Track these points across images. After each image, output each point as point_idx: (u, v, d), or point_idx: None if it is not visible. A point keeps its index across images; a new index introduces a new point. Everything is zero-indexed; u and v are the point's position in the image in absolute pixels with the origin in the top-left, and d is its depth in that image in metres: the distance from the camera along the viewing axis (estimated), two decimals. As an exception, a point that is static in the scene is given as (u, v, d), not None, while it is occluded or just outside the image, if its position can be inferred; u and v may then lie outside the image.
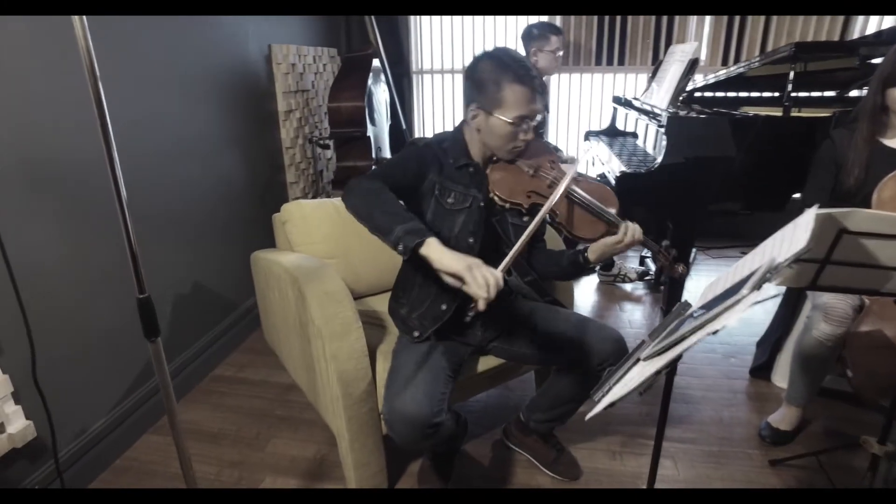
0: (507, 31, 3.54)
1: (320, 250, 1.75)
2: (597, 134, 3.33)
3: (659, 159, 2.10)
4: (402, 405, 1.18)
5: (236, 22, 2.31)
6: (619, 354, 1.34)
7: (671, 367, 1.06)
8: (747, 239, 3.58)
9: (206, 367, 2.15)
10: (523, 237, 1.17)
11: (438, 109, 3.77)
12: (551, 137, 3.66)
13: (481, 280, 1.02)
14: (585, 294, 2.86)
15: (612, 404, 0.85)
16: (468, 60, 1.32)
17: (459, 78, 3.59)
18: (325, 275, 1.44)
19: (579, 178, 1.39)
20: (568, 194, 1.32)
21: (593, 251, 1.30)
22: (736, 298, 0.82)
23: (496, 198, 1.33)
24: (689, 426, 1.81)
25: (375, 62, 2.85)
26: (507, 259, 1.13)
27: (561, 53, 2.74)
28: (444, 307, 1.37)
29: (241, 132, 2.38)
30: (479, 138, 1.33)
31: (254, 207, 2.49)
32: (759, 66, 2.25)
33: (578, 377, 1.42)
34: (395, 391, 1.23)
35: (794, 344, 1.68)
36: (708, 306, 0.93)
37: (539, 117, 1.30)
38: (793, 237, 0.85)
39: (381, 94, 3.00)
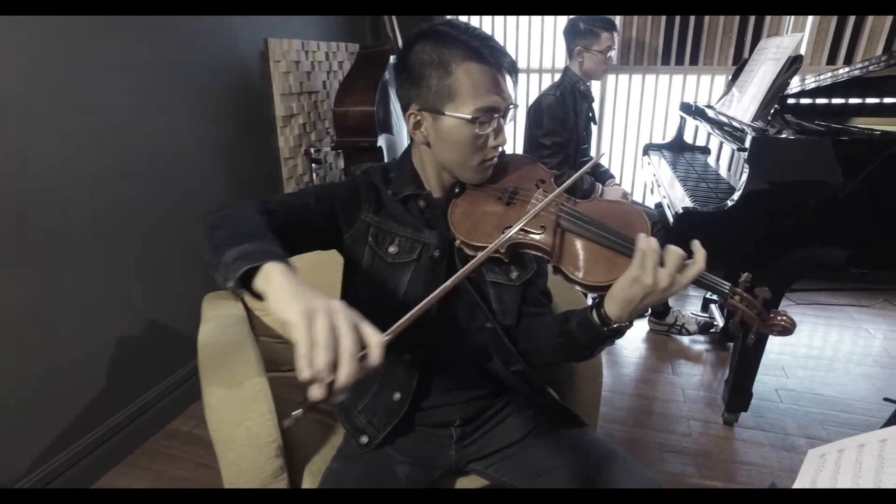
0: (555, 31, 3.03)
1: (272, 302, 1.37)
2: (658, 148, 2.77)
3: (736, 194, 1.57)
4: None
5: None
6: None
7: None
8: (843, 279, 2.89)
9: (163, 418, 1.83)
10: (448, 283, 0.66)
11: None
12: (601, 152, 3.13)
13: (323, 338, 0.53)
14: (631, 344, 2.33)
15: None
16: (518, 59, 0.90)
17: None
18: (241, 361, 1.05)
19: (584, 198, 0.91)
20: (562, 220, 0.85)
21: (612, 300, 0.78)
22: None
23: (462, 244, 0.89)
24: None
25: (394, 59, 2.44)
26: (399, 323, 0.61)
27: (613, 54, 2.23)
28: (397, 396, 0.97)
29: (228, 141, 2.04)
30: (432, 159, 0.91)
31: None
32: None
33: None
34: None
35: None
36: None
37: (512, 110, 0.88)
38: None
39: (401, 96, 2.59)
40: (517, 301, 1.00)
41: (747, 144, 1.57)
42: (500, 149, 0.90)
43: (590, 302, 1.00)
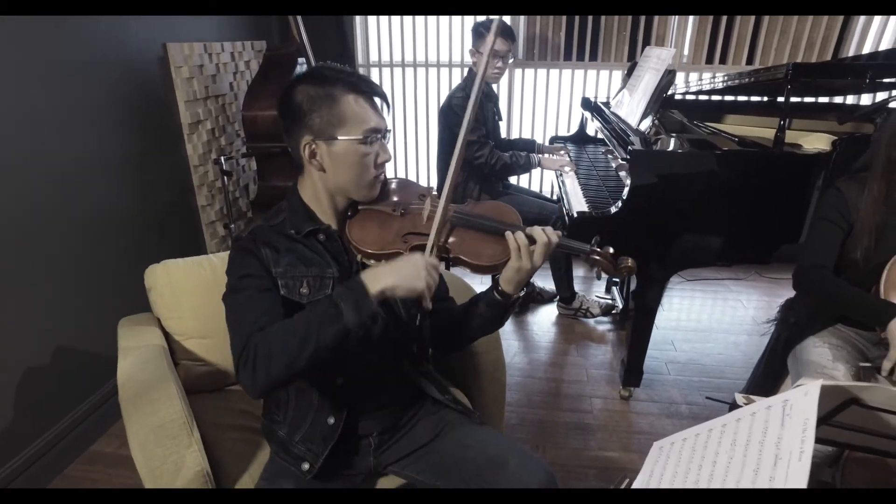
0: (451, 25, 3.11)
1: (190, 327, 1.39)
2: (564, 141, 2.96)
3: (620, 200, 1.74)
4: None
5: (117, 18, 1.88)
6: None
7: None
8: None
9: (83, 442, 1.80)
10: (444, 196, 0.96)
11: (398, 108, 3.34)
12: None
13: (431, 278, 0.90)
14: (542, 329, 2.53)
15: None
16: (429, 54, 1.04)
17: (419, 72, 3.17)
18: (162, 397, 1.08)
19: (466, 203, 1.10)
20: (454, 218, 1.05)
21: (505, 280, 1.02)
22: None
23: (364, 256, 1.03)
24: None
25: (303, 60, 2.43)
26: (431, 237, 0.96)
27: (504, 58, 2.33)
28: (331, 420, 1.07)
29: (133, 151, 1.97)
30: (324, 186, 1.03)
31: (154, 240, 2.10)
32: (749, 82, 1.89)
33: None
34: None
35: None
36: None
37: (389, 133, 1.04)
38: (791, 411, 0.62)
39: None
40: None
41: (627, 154, 1.74)
42: (385, 165, 1.04)
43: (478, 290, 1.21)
